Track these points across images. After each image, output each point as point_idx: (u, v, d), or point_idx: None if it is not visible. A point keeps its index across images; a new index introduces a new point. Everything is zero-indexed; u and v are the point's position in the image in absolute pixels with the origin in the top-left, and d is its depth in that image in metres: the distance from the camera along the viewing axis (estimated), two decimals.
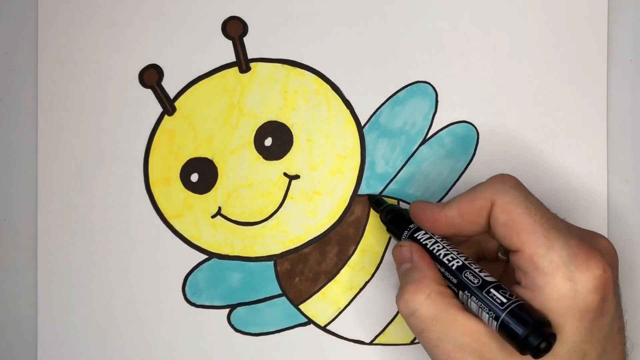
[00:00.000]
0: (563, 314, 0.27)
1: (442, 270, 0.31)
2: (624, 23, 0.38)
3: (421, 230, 0.33)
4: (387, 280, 0.38)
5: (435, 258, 0.31)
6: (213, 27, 0.38)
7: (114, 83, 0.39)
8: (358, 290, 0.38)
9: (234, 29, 0.38)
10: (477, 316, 0.29)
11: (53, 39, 0.39)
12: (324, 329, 0.38)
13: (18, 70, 0.39)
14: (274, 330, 0.38)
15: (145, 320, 0.39)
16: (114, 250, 0.39)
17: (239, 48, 0.38)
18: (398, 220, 0.34)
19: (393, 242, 0.38)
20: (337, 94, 0.38)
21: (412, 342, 0.38)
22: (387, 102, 0.38)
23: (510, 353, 0.28)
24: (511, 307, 0.27)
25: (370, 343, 0.38)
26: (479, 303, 0.28)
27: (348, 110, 0.38)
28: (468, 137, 0.38)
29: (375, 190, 0.38)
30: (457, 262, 0.30)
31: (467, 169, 0.38)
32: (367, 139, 0.38)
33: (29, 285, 0.39)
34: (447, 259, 0.30)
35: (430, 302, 0.29)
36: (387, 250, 0.38)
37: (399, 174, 0.38)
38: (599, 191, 0.38)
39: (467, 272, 0.29)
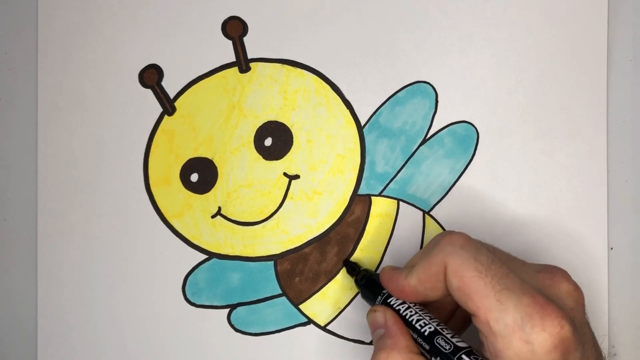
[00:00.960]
0: None
1: (415, 336, 0.31)
2: (624, 23, 0.38)
3: (392, 297, 0.33)
4: None
5: (407, 324, 0.31)
6: (213, 27, 0.38)
7: (114, 83, 0.39)
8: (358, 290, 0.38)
9: (234, 29, 0.38)
10: None
11: (53, 39, 0.39)
12: (324, 329, 0.38)
13: (18, 70, 0.39)
14: (274, 330, 0.38)
15: (145, 320, 0.39)
16: (114, 250, 0.39)
17: (239, 48, 0.38)
18: (372, 286, 0.35)
19: (393, 241, 0.38)
20: (337, 94, 0.38)
21: None
22: (387, 102, 0.38)
23: None
24: None
25: (370, 343, 0.38)
26: None
27: (348, 110, 0.38)
28: (468, 137, 0.38)
29: (375, 190, 0.38)
30: (430, 327, 0.30)
31: (467, 169, 0.38)
32: (367, 139, 0.38)
33: (29, 285, 0.39)
34: (420, 325, 0.31)
35: None
36: (387, 250, 0.38)
37: (399, 174, 0.38)
38: (599, 191, 0.38)
39: (439, 338, 0.30)
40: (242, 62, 0.38)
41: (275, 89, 0.38)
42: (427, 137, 0.38)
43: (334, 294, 0.38)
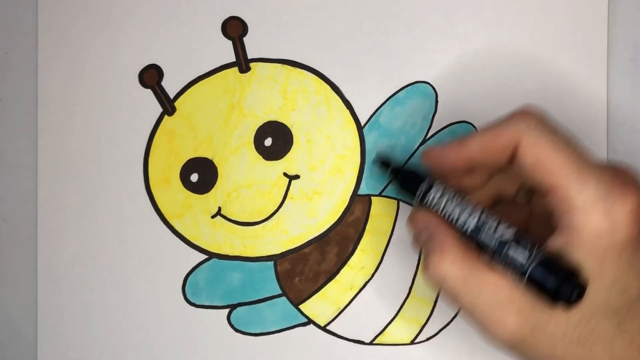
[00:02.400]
0: (603, 252, 0.26)
1: (458, 235, 0.30)
2: (624, 23, 0.38)
3: (431, 190, 0.31)
4: (387, 280, 0.38)
5: (449, 222, 0.30)
6: (213, 27, 0.38)
7: (114, 83, 0.39)
8: (358, 290, 0.38)
9: (234, 29, 0.38)
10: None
11: (53, 39, 0.39)
12: (324, 329, 0.38)
13: (18, 70, 0.39)
14: (274, 330, 0.38)
15: (145, 320, 0.39)
16: (114, 250, 0.39)
17: (239, 48, 0.38)
18: (407, 183, 0.33)
19: (393, 241, 0.38)
20: (337, 94, 0.38)
21: (412, 342, 0.38)
22: (387, 102, 0.38)
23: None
24: (533, 264, 0.27)
25: (370, 343, 0.38)
26: (502, 263, 0.28)
27: (348, 110, 0.38)
28: None
29: (375, 190, 0.38)
30: (471, 223, 0.29)
31: None
32: (367, 139, 0.38)
33: (29, 285, 0.39)
34: (460, 224, 0.29)
35: (456, 267, 0.28)
36: (387, 250, 0.38)
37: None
38: None
39: (483, 234, 0.28)
40: (242, 62, 0.38)
41: (275, 89, 0.38)
42: (427, 137, 0.38)
43: (334, 294, 0.38)
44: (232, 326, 0.38)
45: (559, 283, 0.26)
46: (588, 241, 0.27)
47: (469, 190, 0.32)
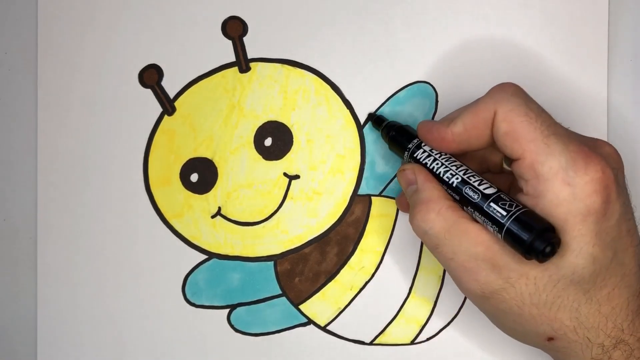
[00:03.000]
0: (564, 218, 0.28)
1: (445, 188, 0.31)
2: (624, 23, 0.38)
3: (420, 148, 0.33)
4: (387, 280, 0.38)
5: (435, 177, 0.32)
6: (213, 27, 0.38)
7: (114, 83, 0.39)
8: (358, 290, 0.38)
9: (234, 28, 0.38)
10: (485, 227, 0.29)
11: (53, 39, 0.39)
12: (324, 329, 0.38)
13: (18, 70, 0.39)
14: (274, 330, 0.38)
15: (145, 320, 0.39)
16: (114, 250, 0.39)
17: (239, 48, 0.38)
18: (399, 138, 0.35)
19: (393, 241, 0.38)
20: (337, 94, 0.38)
21: (412, 342, 0.38)
22: (387, 102, 0.38)
23: (521, 260, 0.28)
24: (513, 216, 0.28)
25: (370, 343, 0.38)
26: (482, 217, 0.29)
27: (348, 110, 0.38)
28: None
29: (375, 190, 0.38)
30: (457, 178, 0.31)
31: None
32: (367, 139, 0.38)
33: (29, 285, 0.39)
34: (447, 177, 0.31)
35: (441, 218, 0.30)
36: (387, 250, 0.38)
37: None
38: None
39: (467, 188, 0.30)
40: (242, 62, 0.38)
41: (275, 89, 0.38)
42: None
43: (334, 294, 0.38)
44: (232, 326, 0.38)
45: (533, 237, 0.27)
46: (550, 206, 0.28)
47: None
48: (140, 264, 0.38)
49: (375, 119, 0.37)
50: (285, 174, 0.38)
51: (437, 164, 0.32)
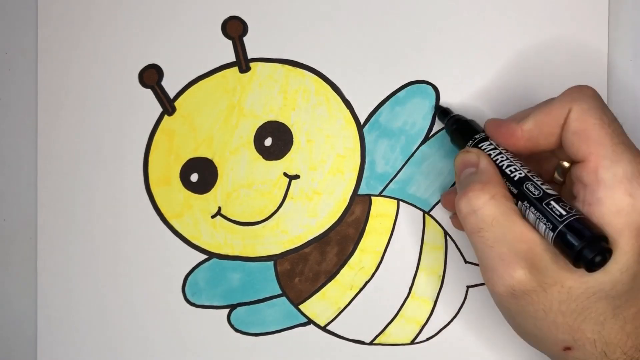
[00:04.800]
0: (619, 229, 0.27)
1: (504, 180, 0.31)
2: (625, 23, 0.38)
3: (486, 141, 0.32)
4: (387, 280, 0.38)
5: (498, 168, 0.31)
6: (213, 27, 0.38)
7: (114, 83, 0.39)
8: (358, 290, 0.38)
9: (234, 28, 0.38)
10: (534, 227, 0.29)
11: (53, 39, 0.39)
12: (324, 329, 0.38)
13: (18, 70, 0.39)
14: (274, 330, 0.38)
15: (145, 320, 0.39)
16: (114, 250, 0.39)
17: (239, 48, 0.38)
18: (464, 130, 0.34)
19: (393, 241, 0.38)
20: (337, 94, 0.38)
21: (412, 342, 0.38)
22: (387, 102, 0.38)
23: (561, 267, 0.28)
24: (570, 219, 0.27)
25: (370, 343, 0.38)
26: (537, 214, 0.28)
27: (348, 110, 0.38)
28: None
29: (375, 190, 0.38)
30: (520, 173, 0.30)
31: None
32: (367, 139, 0.38)
33: (29, 285, 0.39)
34: (510, 170, 0.30)
35: (494, 202, 0.29)
36: (387, 250, 0.38)
37: (399, 174, 0.38)
38: None
39: (529, 184, 0.29)
40: (242, 62, 0.38)
41: (275, 89, 0.38)
42: (427, 137, 0.38)
43: (334, 294, 0.38)
44: (232, 326, 0.38)
45: (585, 244, 0.26)
46: (607, 215, 0.27)
47: None
48: (140, 264, 0.39)
49: (441, 110, 0.37)
50: (285, 174, 0.38)
51: (502, 157, 0.31)
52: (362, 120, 0.38)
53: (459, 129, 0.35)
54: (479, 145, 0.33)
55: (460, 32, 0.38)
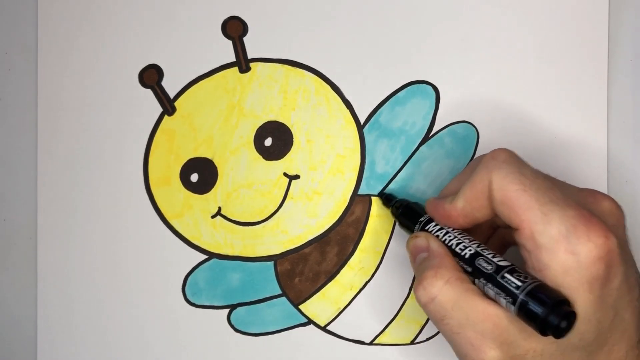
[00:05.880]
0: (573, 288, 0.27)
1: (456, 260, 0.31)
2: (625, 23, 0.38)
3: (431, 222, 0.33)
4: (387, 280, 0.38)
5: (448, 249, 0.31)
6: (213, 27, 0.38)
7: (114, 83, 0.39)
8: (358, 290, 0.38)
9: (234, 29, 0.38)
10: (495, 302, 0.29)
11: (53, 39, 0.39)
12: (324, 329, 0.38)
13: (18, 70, 0.39)
14: (274, 330, 0.38)
15: (145, 320, 0.39)
16: (114, 250, 0.39)
17: (239, 48, 0.38)
18: (409, 214, 0.35)
19: (393, 241, 0.38)
20: (337, 94, 0.38)
21: (412, 342, 0.38)
22: (387, 102, 0.38)
23: (529, 335, 0.28)
24: (527, 288, 0.27)
25: (370, 343, 0.38)
26: (495, 289, 0.28)
27: (348, 110, 0.38)
28: (468, 137, 0.38)
29: (375, 190, 0.38)
30: (470, 250, 0.30)
31: None
32: (367, 139, 0.38)
33: (29, 285, 0.39)
34: (460, 248, 0.30)
35: (450, 287, 0.29)
36: (387, 250, 0.38)
37: (399, 174, 0.38)
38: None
39: (480, 259, 0.29)
40: (242, 62, 0.38)
41: (275, 89, 0.38)
42: (427, 137, 0.38)
43: (334, 294, 0.38)
44: (232, 326, 0.38)
45: (548, 311, 0.26)
46: (558, 277, 0.27)
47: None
48: (140, 264, 0.39)
49: (384, 197, 0.37)
50: (285, 174, 0.38)
51: (450, 236, 0.31)
52: (362, 120, 0.38)
53: (404, 214, 0.35)
54: (426, 228, 0.33)
55: (460, 32, 0.38)
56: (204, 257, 0.38)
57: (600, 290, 0.27)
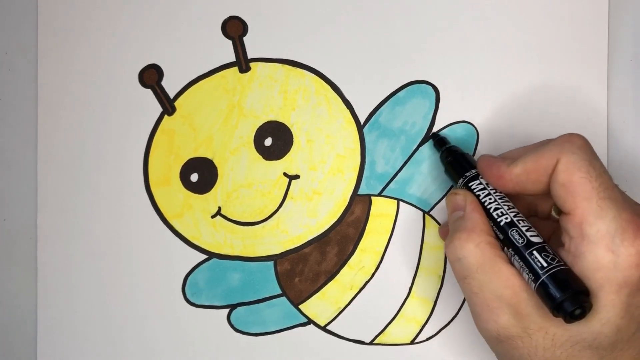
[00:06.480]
0: (600, 284, 0.27)
1: (491, 224, 0.31)
2: (625, 23, 0.38)
3: (476, 180, 0.33)
4: (387, 280, 0.38)
5: (485, 211, 0.31)
6: (213, 27, 0.38)
7: (114, 83, 0.39)
8: (358, 290, 0.38)
9: (234, 28, 0.38)
10: (519, 273, 0.29)
11: (53, 39, 0.39)
12: (324, 329, 0.38)
13: (18, 70, 0.39)
14: (274, 330, 0.38)
15: (145, 320, 0.39)
16: (114, 250, 0.39)
17: (239, 48, 0.38)
18: (457, 164, 0.35)
19: (393, 241, 0.38)
20: (337, 94, 0.38)
21: (412, 342, 0.38)
22: (387, 102, 0.38)
23: (545, 314, 0.28)
24: (552, 270, 0.28)
25: (370, 343, 0.38)
26: (520, 262, 0.29)
27: (348, 110, 0.38)
28: (468, 137, 0.38)
29: (375, 190, 0.38)
30: (506, 218, 0.30)
31: None
32: (367, 139, 0.38)
33: (29, 285, 0.39)
34: (497, 214, 0.31)
35: (479, 251, 0.30)
36: (387, 250, 0.38)
37: (399, 174, 0.38)
38: None
39: (514, 230, 0.30)
40: (242, 62, 0.38)
41: (275, 89, 0.38)
42: (427, 137, 0.38)
43: (334, 294, 0.38)
44: (232, 326, 0.38)
45: (565, 297, 0.27)
46: (589, 269, 0.27)
47: None
48: (140, 264, 0.39)
49: (437, 139, 0.37)
50: (285, 174, 0.38)
51: (490, 199, 0.31)
52: (362, 120, 0.38)
53: (452, 162, 0.35)
54: (470, 184, 0.33)
55: (460, 32, 0.38)
56: (204, 257, 0.38)
57: (628, 297, 0.27)
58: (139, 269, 0.39)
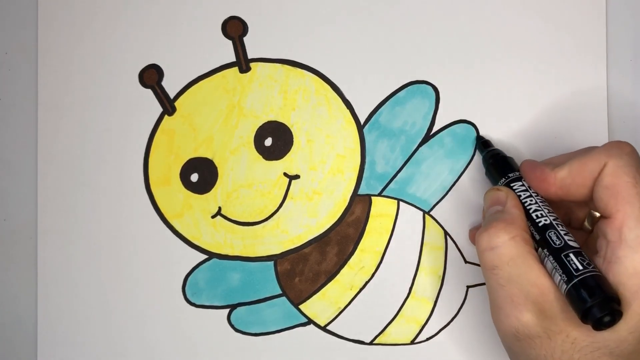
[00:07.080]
0: (634, 291, 0.27)
1: (529, 224, 0.31)
2: (623, 23, 0.38)
3: (519, 181, 0.33)
4: (387, 280, 0.38)
5: (524, 211, 0.31)
6: (213, 27, 0.38)
7: (114, 83, 0.39)
8: (358, 290, 0.38)
9: (234, 29, 0.38)
10: (550, 275, 0.29)
11: (53, 39, 0.39)
12: (324, 329, 0.38)
13: (18, 70, 0.39)
14: (274, 330, 0.38)
15: (145, 320, 0.39)
16: (114, 250, 0.39)
17: (239, 48, 0.38)
18: (500, 166, 0.35)
19: (393, 241, 0.38)
20: (337, 94, 0.38)
21: (412, 342, 0.38)
22: (387, 102, 0.38)
23: (569, 318, 0.28)
24: (585, 275, 0.27)
25: (370, 343, 0.38)
26: (555, 264, 0.29)
27: (348, 110, 0.38)
28: (468, 137, 0.38)
29: (375, 190, 0.38)
30: (545, 220, 0.30)
31: (467, 169, 0.38)
32: (367, 139, 0.38)
33: (29, 285, 0.39)
34: (536, 215, 0.31)
35: (513, 243, 0.29)
36: (387, 250, 0.38)
37: (399, 174, 0.38)
38: None
39: (552, 232, 0.30)
40: (242, 62, 0.38)
41: (275, 89, 0.38)
42: (427, 137, 0.38)
43: (334, 294, 0.38)
44: (232, 326, 0.38)
45: (595, 303, 0.27)
46: (624, 275, 0.27)
47: None
48: (140, 264, 0.39)
49: (482, 142, 0.37)
50: (285, 174, 0.38)
51: (531, 200, 0.31)
52: (362, 120, 0.38)
53: (495, 164, 0.35)
54: (511, 185, 0.33)
55: (460, 32, 0.38)
56: (204, 257, 0.38)
57: None
58: (139, 269, 0.39)
